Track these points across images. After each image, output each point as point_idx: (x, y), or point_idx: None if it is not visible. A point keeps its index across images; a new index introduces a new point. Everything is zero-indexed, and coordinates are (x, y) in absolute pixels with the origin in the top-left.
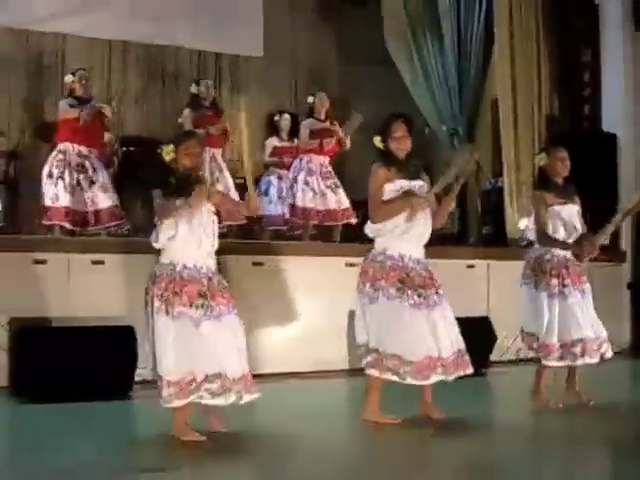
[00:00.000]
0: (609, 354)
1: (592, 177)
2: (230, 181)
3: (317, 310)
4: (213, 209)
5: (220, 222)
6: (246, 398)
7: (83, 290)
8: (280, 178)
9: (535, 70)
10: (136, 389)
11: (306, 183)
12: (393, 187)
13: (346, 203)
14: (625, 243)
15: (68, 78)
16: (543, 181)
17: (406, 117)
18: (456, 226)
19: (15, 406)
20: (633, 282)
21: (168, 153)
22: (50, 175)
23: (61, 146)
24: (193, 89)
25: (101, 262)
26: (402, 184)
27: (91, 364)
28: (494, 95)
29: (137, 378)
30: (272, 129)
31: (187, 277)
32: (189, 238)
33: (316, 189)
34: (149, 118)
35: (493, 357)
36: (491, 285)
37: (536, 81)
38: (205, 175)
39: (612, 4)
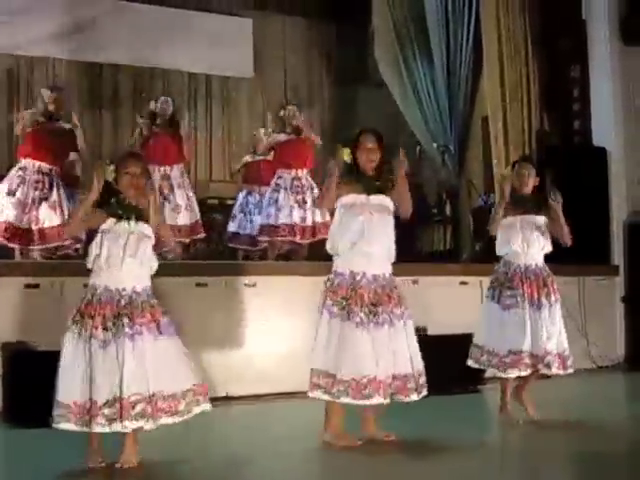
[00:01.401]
0: (568, 370)
1: (583, 191)
2: (183, 200)
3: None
4: (150, 231)
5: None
6: (195, 410)
7: None
8: (250, 194)
9: (524, 86)
10: None
11: (276, 200)
12: (346, 200)
13: (311, 221)
14: (617, 258)
15: (44, 92)
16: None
17: (376, 131)
18: (448, 243)
19: (8, 431)
20: (627, 296)
21: (108, 173)
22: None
23: (22, 162)
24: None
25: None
26: (356, 198)
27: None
28: (484, 112)
29: None
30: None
31: (104, 300)
32: (110, 259)
33: (282, 204)
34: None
35: (488, 374)
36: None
37: (526, 97)
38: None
39: (600, 19)
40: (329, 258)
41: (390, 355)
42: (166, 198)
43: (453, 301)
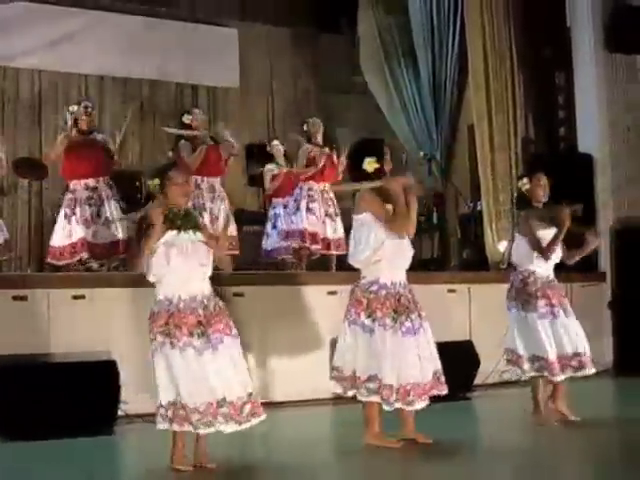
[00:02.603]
0: (593, 369)
1: (569, 197)
2: (223, 211)
3: (299, 339)
4: (203, 238)
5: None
6: (253, 422)
7: (65, 325)
8: (285, 207)
9: (510, 94)
10: (120, 424)
11: (309, 209)
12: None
13: (341, 233)
14: (604, 263)
15: (72, 108)
16: (524, 204)
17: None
18: (436, 251)
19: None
20: (614, 302)
21: (155, 186)
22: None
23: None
24: (185, 119)
25: (82, 297)
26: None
27: (74, 400)
28: (470, 120)
29: (120, 413)
30: (267, 157)
31: (184, 308)
32: (180, 270)
33: (318, 215)
34: (128, 151)
35: (477, 381)
36: (472, 309)
37: (511, 105)
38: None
39: (584, 27)
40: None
41: (429, 358)
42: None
43: (441, 309)
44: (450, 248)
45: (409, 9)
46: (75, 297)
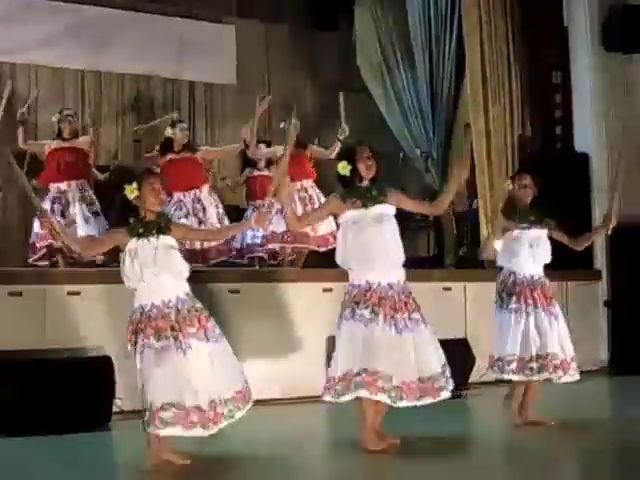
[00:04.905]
0: (576, 376)
1: (565, 196)
2: (214, 215)
3: (294, 336)
4: (174, 241)
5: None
6: (239, 415)
7: (60, 321)
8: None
9: (507, 93)
10: (115, 419)
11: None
12: (349, 215)
13: (324, 230)
14: (600, 262)
15: (54, 118)
16: (507, 207)
17: (369, 144)
18: (432, 249)
19: None
20: (610, 300)
21: (132, 191)
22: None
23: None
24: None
25: (77, 293)
26: (357, 213)
27: (69, 396)
28: (467, 118)
29: (115, 409)
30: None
31: (155, 315)
32: (147, 279)
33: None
34: (123, 147)
35: (472, 379)
36: (468, 307)
37: (508, 103)
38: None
39: (581, 26)
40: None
41: (413, 360)
42: (201, 221)
43: (437, 307)
44: (446, 246)
45: (407, 7)
46: (70, 293)
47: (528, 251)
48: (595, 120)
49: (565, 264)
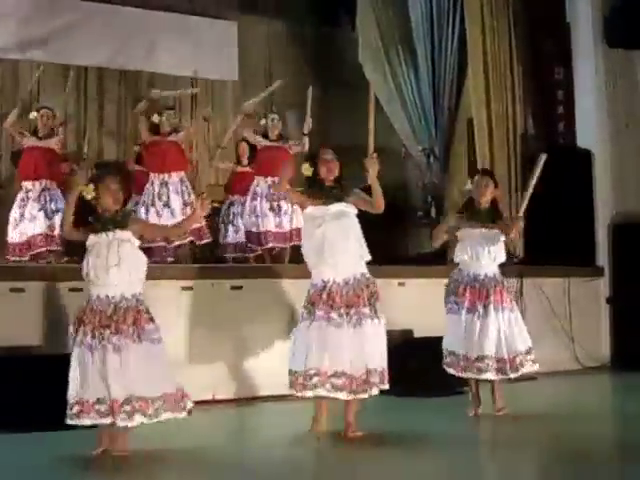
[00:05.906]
0: (531, 368)
1: (568, 193)
2: (178, 205)
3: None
4: (129, 235)
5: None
6: (165, 416)
7: (60, 318)
8: (243, 204)
9: (509, 88)
10: None
11: (253, 208)
12: (307, 212)
13: (288, 226)
14: (602, 258)
15: (32, 115)
16: (464, 205)
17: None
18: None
19: None
20: (612, 296)
21: (89, 192)
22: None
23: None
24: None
25: (79, 289)
26: (315, 210)
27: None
28: (469, 114)
29: None
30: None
31: (96, 308)
32: (98, 270)
33: (258, 212)
34: (124, 143)
35: None
36: None
37: (510, 100)
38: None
39: (583, 22)
40: None
41: (359, 353)
42: (167, 205)
43: (439, 303)
44: (448, 242)
45: (408, 3)
46: (72, 290)
47: (476, 250)
48: (598, 116)
49: (568, 261)
